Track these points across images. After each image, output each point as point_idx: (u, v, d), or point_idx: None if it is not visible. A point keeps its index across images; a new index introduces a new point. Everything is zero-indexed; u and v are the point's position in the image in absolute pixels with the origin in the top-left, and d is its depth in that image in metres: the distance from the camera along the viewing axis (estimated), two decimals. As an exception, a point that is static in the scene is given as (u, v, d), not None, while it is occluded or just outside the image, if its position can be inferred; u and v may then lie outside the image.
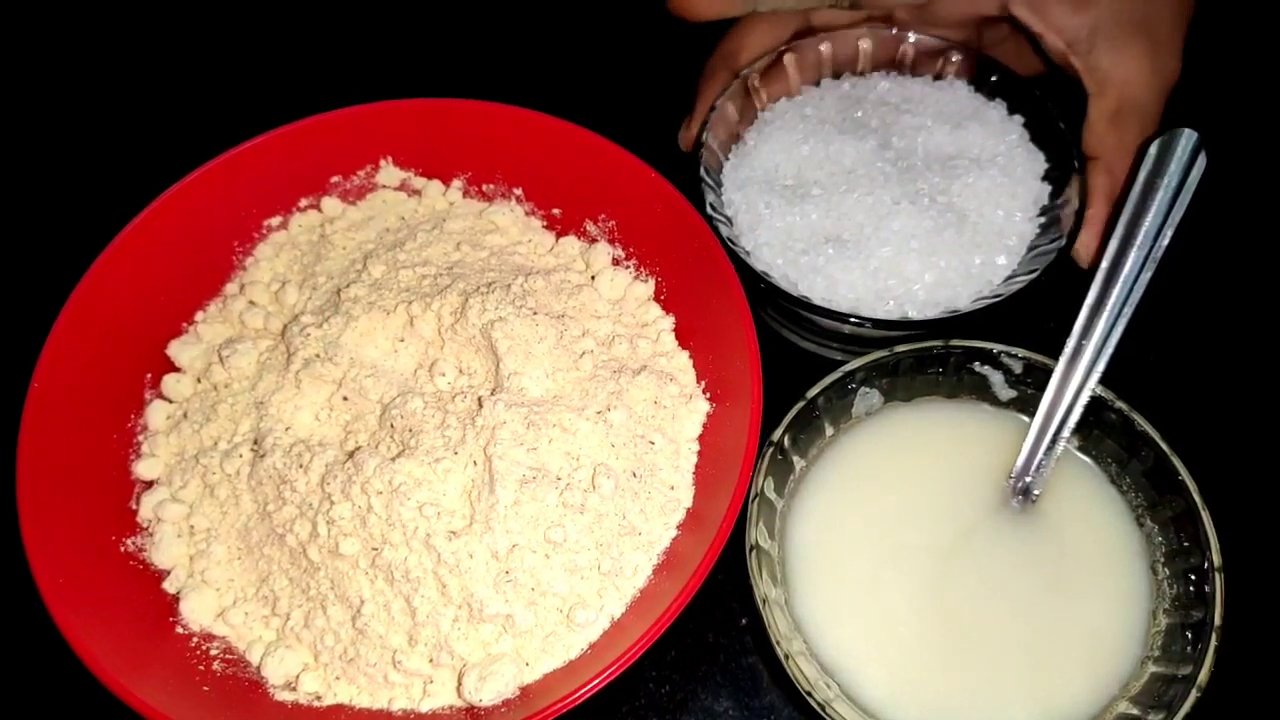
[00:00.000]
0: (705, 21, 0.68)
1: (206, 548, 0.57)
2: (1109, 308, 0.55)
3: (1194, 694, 0.47)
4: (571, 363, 0.60)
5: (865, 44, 0.72)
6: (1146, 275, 0.55)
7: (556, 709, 0.47)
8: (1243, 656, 0.50)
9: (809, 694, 0.48)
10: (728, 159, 0.71)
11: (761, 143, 0.70)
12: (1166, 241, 0.54)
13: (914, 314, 0.63)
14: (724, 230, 0.64)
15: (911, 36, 0.72)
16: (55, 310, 0.59)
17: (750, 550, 0.52)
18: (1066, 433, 0.56)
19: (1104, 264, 0.55)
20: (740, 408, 0.56)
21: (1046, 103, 0.68)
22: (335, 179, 0.71)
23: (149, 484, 0.60)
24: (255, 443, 0.58)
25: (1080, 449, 0.58)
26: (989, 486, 0.57)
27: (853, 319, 0.61)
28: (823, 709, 0.48)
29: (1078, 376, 0.55)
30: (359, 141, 0.70)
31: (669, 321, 0.65)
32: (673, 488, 0.57)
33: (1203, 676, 0.48)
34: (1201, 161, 0.55)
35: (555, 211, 0.71)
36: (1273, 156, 0.78)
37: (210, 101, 0.85)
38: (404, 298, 0.62)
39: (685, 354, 0.63)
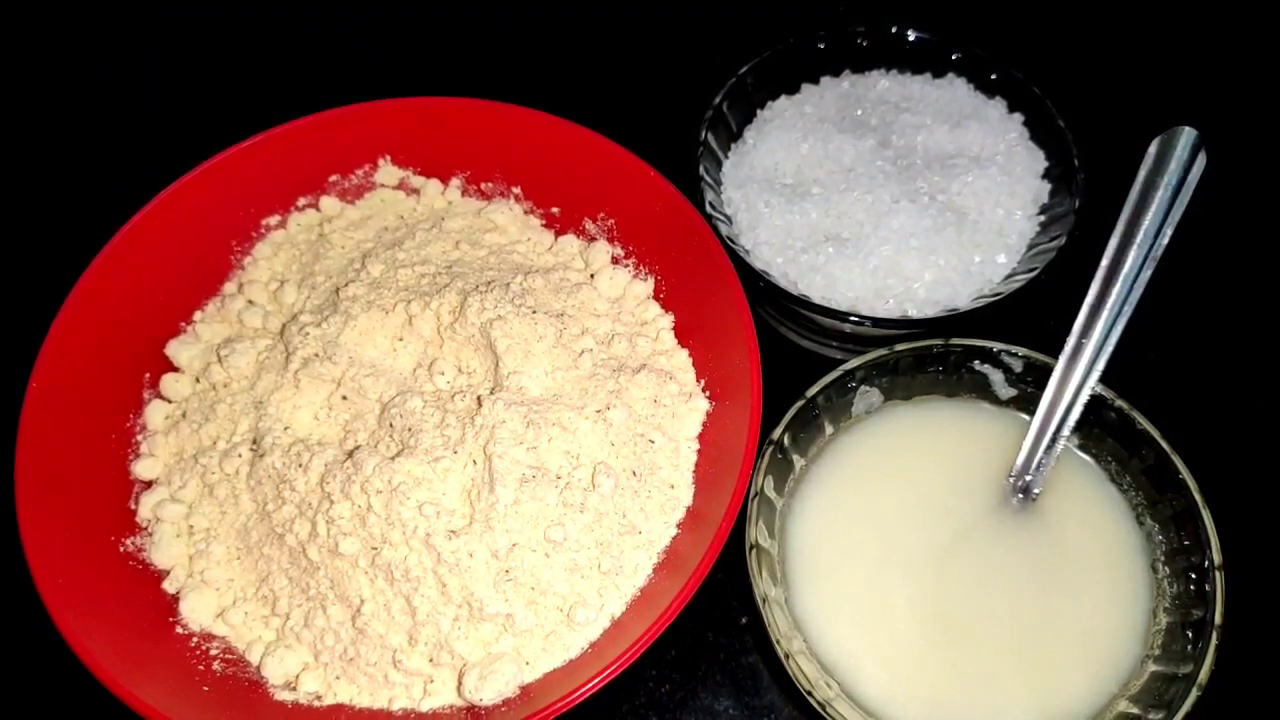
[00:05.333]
0: None
1: (206, 547, 0.57)
2: (1109, 306, 0.55)
3: (1194, 692, 0.47)
4: (571, 361, 0.60)
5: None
6: (1146, 274, 0.54)
7: (557, 708, 0.47)
8: (1243, 655, 0.50)
9: (809, 693, 0.48)
10: (727, 157, 0.71)
11: (761, 141, 0.70)
12: (1166, 240, 0.54)
13: (914, 312, 0.63)
14: (723, 229, 0.64)
15: (911, 34, 0.72)
16: (54, 310, 0.59)
17: (750, 549, 0.52)
18: (1066, 431, 0.55)
19: (1104, 263, 0.55)
20: (740, 406, 0.56)
21: (1046, 101, 0.68)
22: (334, 178, 0.71)
23: (148, 484, 0.60)
24: (254, 442, 0.58)
25: (1080, 447, 0.58)
26: (989, 485, 0.57)
27: (852, 317, 0.61)
28: (823, 708, 0.48)
29: (1078, 375, 0.55)
30: (357, 140, 0.70)
31: (668, 320, 0.65)
32: (673, 486, 0.57)
33: (1203, 675, 0.48)
34: (1201, 160, 0.55)
35: (554, 210, 0.70)
36: (1273, 155, 0.78)
37: (210, 101, 0.85)
38: (403, 296, 0.62)
39: (685, 352, 0.63)
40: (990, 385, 0.59)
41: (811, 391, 0.56)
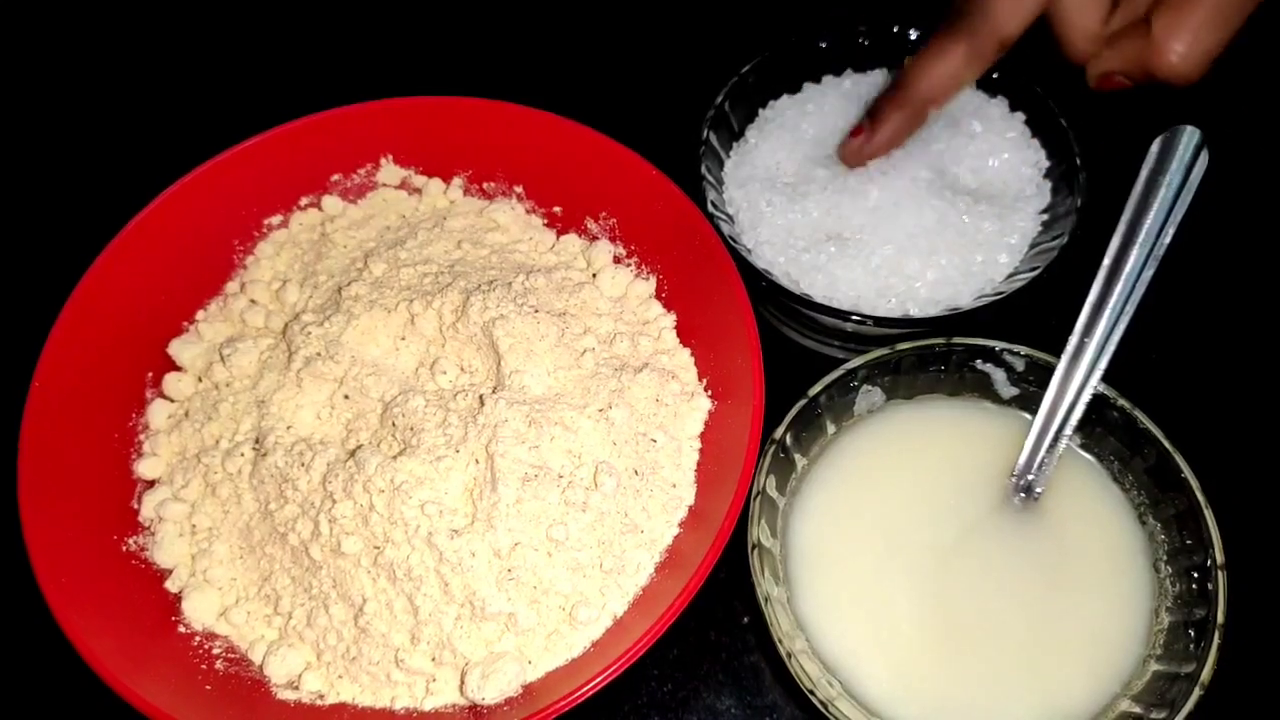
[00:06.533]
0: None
1: (208, 547, 0.57)
2: (1111, 306, 0.55)
3: (1197, 692, 0.47)
4: (573, 360, 0.60)
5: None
6: (1149, 273, 0.54)
7: (559, 707, 0.47)
8: (1245, 654, 0.50)
9: (811, 692, 0.48)
10: (729, 156, 0.71)
11: (763, 140, 0.70)
12: (1169, 239, 0.54)
13: (916, 312, 0.63)
14: (725, 228, 0.64)
15: (913, 33, 0.72)
16: (56, 310, 0.59)
17: (752, 548, 0.52)
18: (1069, 431, 0.55)
19: (1106, 262, 0.55)
20: (742, 405, 0.56)
21: (1048, 100, 0.68)
22: (336, 177, 0.71)
23: (150, 483, 0.60)
24: (257, 441, 0.58)
25: (1082, 447, 0.58)
26: (991, 484, 0.57)
27: (854, 317, 0.61)
28: (825, 707, 0.48)
29: (1080, 374, 0.55)
30: (359, 140, 0.70)
31: (670, 319, 0.65)
32: (674, 485, 0.57)
33: (1205, 674, 0.48)
34: (1204, 159, 0.55)
35: (556, 209, 0.70)
36: (1275, 154, 0.78)
37: (210, 101, 0.85)
38: (405, 296, 0.62)
39: (687, 352, 0.63)
40: (992, 384, 0.59)
41: (813, 391, 0.56)
